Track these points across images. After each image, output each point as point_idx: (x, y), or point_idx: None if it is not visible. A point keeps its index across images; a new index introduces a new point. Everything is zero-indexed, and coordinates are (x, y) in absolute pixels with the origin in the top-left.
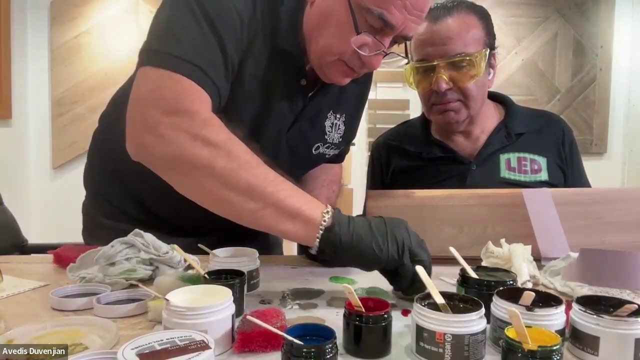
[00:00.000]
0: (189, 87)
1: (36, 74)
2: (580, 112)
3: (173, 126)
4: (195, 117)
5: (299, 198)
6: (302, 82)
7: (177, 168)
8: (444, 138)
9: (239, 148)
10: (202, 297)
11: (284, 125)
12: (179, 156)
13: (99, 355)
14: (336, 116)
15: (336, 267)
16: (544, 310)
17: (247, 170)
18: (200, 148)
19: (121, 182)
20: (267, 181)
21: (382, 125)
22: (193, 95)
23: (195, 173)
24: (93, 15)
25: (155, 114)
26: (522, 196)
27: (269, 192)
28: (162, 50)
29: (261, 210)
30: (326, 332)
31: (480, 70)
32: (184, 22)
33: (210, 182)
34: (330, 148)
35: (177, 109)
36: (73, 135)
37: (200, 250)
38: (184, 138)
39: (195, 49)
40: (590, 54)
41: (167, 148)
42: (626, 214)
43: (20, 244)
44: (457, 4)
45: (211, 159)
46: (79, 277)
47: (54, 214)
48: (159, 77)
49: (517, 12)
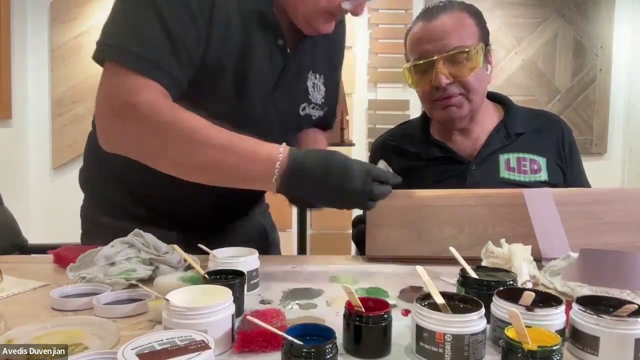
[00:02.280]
0: (131, 81)
1: (36, 74)
2: (580, 112)
3: (123, 123)
4: (139, 109)
5: (252, 141)
6: (279, 42)
7: (141, 157)
8: (443, 138)
9: (187, 119)
10: (202, 297)
11: (268, 86)
12: (135, 147)
13: (99, 355)
14: (316, 76)
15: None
16: (544, 310)
17: (198, 135)
18: (149, 135)
19: (118, 179)
20: (220, 137)
21: (382, 125)
22: (134, 88)
23: (153, 158)
24: (93, 15)
25: (108, 115)
26: (523, 196)
27: (223, 144)
28: (110, 43)
29: (220, 160)
30: (326, 332)
31: (479, 62)
32: (134, 14)
33: (163, 162)
34: (315, 109)
35: (121, 107)
36: (73, 135)
37: (200, 250)
38: (134, 131)
39: (144, 42)
40: (590, 54)
41: (125, 143)
42: (626, 214)
43: (20, 244)
44: (449, 3)
45: (160, 140)
46: (79, 277)
47: (54, 214)
48: (109, 73)
49: (517, 13)
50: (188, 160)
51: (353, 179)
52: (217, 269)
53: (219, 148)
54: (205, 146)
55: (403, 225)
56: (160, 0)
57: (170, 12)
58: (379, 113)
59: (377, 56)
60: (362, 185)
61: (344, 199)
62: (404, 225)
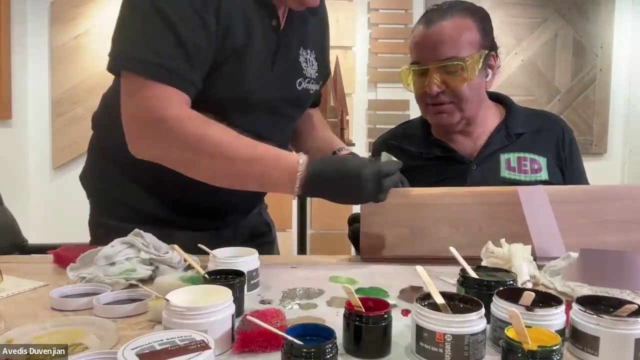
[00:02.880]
0: (157, 93)
1: (36, 74)
2: (580, 112)
3: (154, 135)
4: (168, 122)
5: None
6: (273, 22)
7: (170, 165)
8: (444, 138)
9: (213, 132)
10: (202, 297)
11: (266, 66)
12: (164, 157)
13: (99, 355)
14: (307, 52)
15: (338, 266)
16: (544, 310)
17: (223, 147)
18: (177, 147)
19: (131, 179)
20: (245, 147)
21: (382, 125)
22: (164, 101)
23: (182, 166)
24: (93, 16)
25: (138, 127)
26: (517, 194)
27: (248, 155)
28: (127, 55)
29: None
30: (326, 332)
31: (473, 74)
32: (144, 24)
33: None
34: (310, 83)
35: (152, 120)
36: (73, 135)
37: (200, 250)
38: (163, 143)
39: (155, 49)
40: (590, 54)
41: (156, 153)
42: (622, 212)
43: (20, 244)
44: (453, 6)
45: (185, 152)
46: (79, 277)
47: (54, 214)
48: (132, 86)
49: (516, 13)
50: (217, 171)
51: (366, 184)
52: (217, 269)
53: (245, 161)
54: (233, 160)
55: (397, 224)
56: (168, 7)
57: (179, 17)
58: (379, 113)
59: (377, 56)
60: (373, 186)
61: (361, 199)
62: (398, 224)
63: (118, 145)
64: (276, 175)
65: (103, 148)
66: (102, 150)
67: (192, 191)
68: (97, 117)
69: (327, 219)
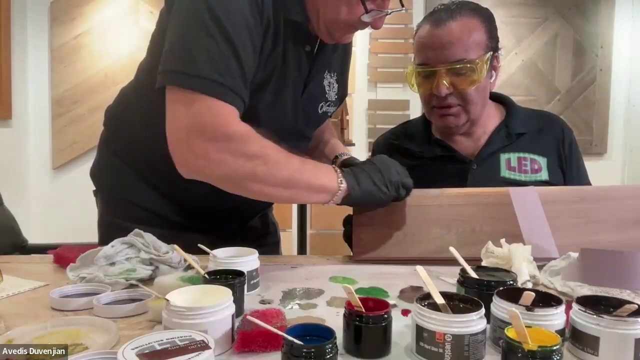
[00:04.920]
0: (220, 109)
1: (36, 74)
2: (580, 112)
3: (218, 150)
4: (234, 138)
5: (319, 174)
6: (307, 48)
7: (228, 182)
8: (444, 137)
9: (270, 151)
10: (202, 297)
11: (298, 91)
12: (228, 173)
13: (99, 355)
14: (331, 74)
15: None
16: (544, 310)
17: (280, 168)
18: (243, 163)
19: (147, 182)
20: (295, 171)
21: (382, 125)
22: (226, 118)
23: (244, 182)
24: (93, 16)
25: (201, 143)
26: (509, 195)
27: (298, 179)
28: (188, 72)
29: (295, 194)
30: (326, 332)
31: (482, 76)
32: (199, 38)
33: (256, 185)
34: (330, 106)
35: (217, 136)
36: (73, 135)
37: (200, 250)
38: (230, 159)
39: (215, 65)
40: (590, 55)
41: (217, 169)
42: (615, 212)
43: (20, 244)
44: (460, 7)
45: (253, 169)
46: (79, 277)
47: (54, 214)
48: (191, 102)
49: (517, 13)
50: (269, 186)
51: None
52: (217, 269)
53: (294, 184)
54: (285, 180)
55: (389, 226)
56: (225, 23)
57: (236, 35)
58: (379, 113)
59: (377, 56)
60: (397, 194)
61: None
62: (391, 225)
63: (133, 144)
64: (319, 190)
65: (116, 146)
66: (115, 148)
67: (208, 196)
68: (112, 111)
69: (327, 219)
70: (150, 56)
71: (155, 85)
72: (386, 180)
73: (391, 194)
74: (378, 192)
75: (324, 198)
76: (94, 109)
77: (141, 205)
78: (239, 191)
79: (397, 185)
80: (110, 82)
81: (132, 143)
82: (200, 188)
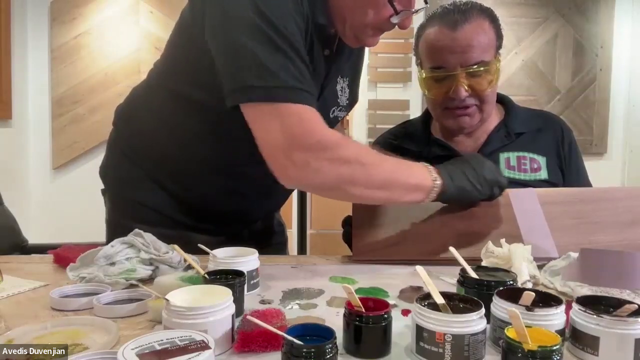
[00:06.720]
0: (307, 116)
1: (36, 74)
2: (580, 112)
3: (317, 158)
4: (328, 144)
5: (413, 173)
6: (326, 52)
7: (329, 188)
8: (444, 137)
9: (364, 154)
10: (202, 297)
11: (315, 95)
12: (329, 179)
13: (99, 355)
14: (343, 79)
15: (338, 266)
16: (544, 310)
17: (376, 170)
18: (340, 168)
19: (157, 183)
20: (391, 172)
21: (382, 125)
22: (315, 124)
23: (343, 187)
24: (93, 16)
25: (300, 154)
26: (508, 196)
27: (395, 179)
28: (266, 84)
29: (392, 195)
30: (326, 332)
31: (497, 77)
32: (263, 48)
33: (356, 189)
34: (341, 111)
35: (312, 144)
36: (73, 135)
37: (201, 250)
38: (329, 165)
39: (289, 72)
40: (590, 54)
41: (318, 177)
42: (612, 213)
43: (20, 244)
44: (470, 7)
45: (352, 173)
46: (79, 277)
47: (54, 214)
48: (278, 114)
49: (517, 12)
50: (368, 189)
51: (488, 191)
52: (217, 269)
53: (394, 182)
54: (382, 181)
55: (389, 226)
56: (281, 27)
57: (294, 37)
58: (379, 113)
59: (377, 56)
60: (491, 192)
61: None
62: (390, 225)
63: (142, 144)
64: (413, 198)
65: (125, 145)
66: (123, 148)
67: (217, 197)
68: (122, 110)
69: (327, 219)
70: (166, 57)
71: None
72: (480, 178)
73: (485, 192)
74: (472, 189)
75: (419, 197)
76: (94, 109)
77: (149, 206)
78: (338, 196)
79: (492, 184)
80: (110, 82)
81: (141, 143)
82: (208, 189)
